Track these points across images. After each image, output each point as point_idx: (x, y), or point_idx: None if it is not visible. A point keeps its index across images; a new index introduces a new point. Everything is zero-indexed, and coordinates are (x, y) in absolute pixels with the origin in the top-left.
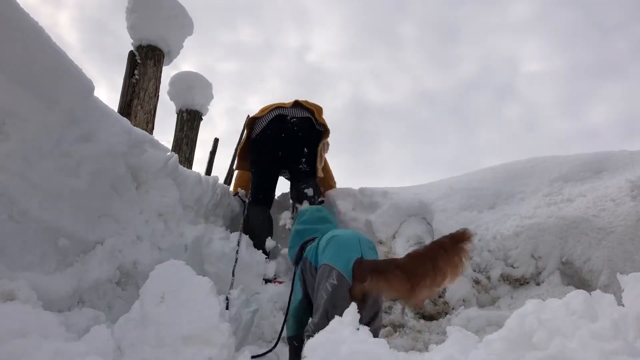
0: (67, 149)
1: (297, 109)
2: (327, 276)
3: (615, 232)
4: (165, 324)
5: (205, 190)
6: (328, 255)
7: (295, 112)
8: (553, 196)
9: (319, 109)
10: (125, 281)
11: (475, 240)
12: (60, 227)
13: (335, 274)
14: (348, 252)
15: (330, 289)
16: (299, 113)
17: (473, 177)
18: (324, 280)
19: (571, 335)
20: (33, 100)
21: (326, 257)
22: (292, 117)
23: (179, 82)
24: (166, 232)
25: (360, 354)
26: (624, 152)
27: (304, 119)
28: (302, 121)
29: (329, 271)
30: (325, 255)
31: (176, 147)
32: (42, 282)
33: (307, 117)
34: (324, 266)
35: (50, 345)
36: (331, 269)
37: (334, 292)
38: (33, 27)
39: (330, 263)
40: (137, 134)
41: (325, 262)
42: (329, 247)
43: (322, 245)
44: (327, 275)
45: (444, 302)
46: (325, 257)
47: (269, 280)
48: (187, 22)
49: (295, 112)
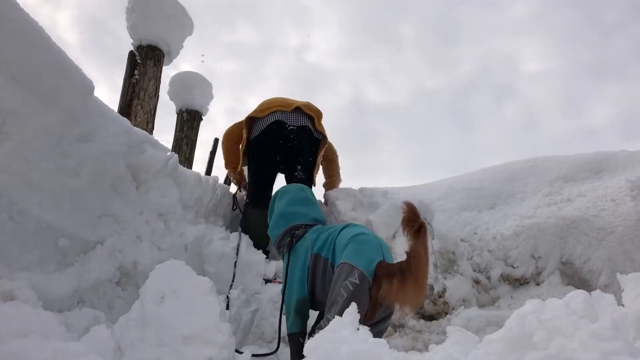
0: (67, 149)
1: (298, 114)
2: (347, 274)
3: (615, 232)
4: (165, 324)
5: (205, 190)
6: (349, 254)
7: (294, 119)
8: (553, 196)
9: (319, 115)
10: (125, 281)
11: (475, 240)
12: (60, 227)
13: (358, 273)
14: (370, 253)
15: (351, 287)
16: (298, 120)
17: (473, 177)
18: (342, 278)
19: (571, 335)
20: (33, 100)
21: (347, 256)
22: (291, 125)
23: (179, 82)
24: (166, 232)
25: (360, 354)
26: (624, 152)
27: (302, 128)
28: (300, 130)
29: (350, 270)
30: (345, 254)
31: (176, 147)
32: (42, 282)
33: (305, 126)
34: (344, 264)
35: (50, 345)
36: (353, 267)
37: (355, 290)
38: (33, 27)
39: (352, 262)
40: (137, 134)
41: (346, 261)
42: (351, 245)
43: (341, 243)
44: (348, 274)
45: (444, 302)
46: (345, 255)
47: (269, 280)
48: (187, 22)
49: (294, 118)
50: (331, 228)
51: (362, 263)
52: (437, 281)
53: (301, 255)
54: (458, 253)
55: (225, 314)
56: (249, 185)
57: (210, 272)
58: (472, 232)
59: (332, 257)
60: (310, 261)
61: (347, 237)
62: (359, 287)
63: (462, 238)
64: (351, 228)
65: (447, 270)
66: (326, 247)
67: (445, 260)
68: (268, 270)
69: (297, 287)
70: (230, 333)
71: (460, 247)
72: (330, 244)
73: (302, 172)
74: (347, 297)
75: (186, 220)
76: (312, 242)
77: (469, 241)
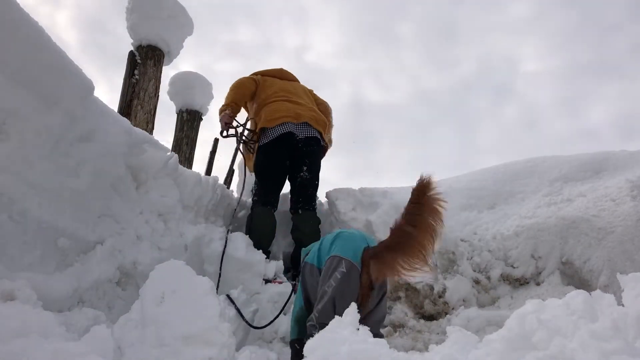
0: (67, 149)
1: (306, 126)
2: (335, 266)
3: (615, 232)
4: (165, 324)
5: (205, 190)
6: (335, 249)
7: (303, 131)
8: (553, 196)
9: (325, 127)
10: (125, 281)
11: (475, 240)
12: (60, 227)
13: (345, 263)
14: (356, 243)
15: (339, 276)
16: (307, 132)
17: (473, 177)
18: (331, 270)
19: (571, 335)
20: (33, 100)
21: (333, 251)
22: (299, 135)
23: (179, 82)
24: (166, 232)
25: (360, 353)
26: (624, 152)
27: (311, 138)
28: (309, 140)
29: (337, 261)
30: (332, 250)
31: (176, 147)
32: (42, 282)
33: (314, 137)
34: (331, 258)
35: (50, 345)
36: (340, 258)
37: (343, 279)
38: (33, 27)
39: (338, 254)
40: (137, 134)
41: (332, 254)
42: (336, 242)
43: (326, 245)
44: (336, 265)
45: (444, 302)
46: (332, 251)
47: (269, 280)
48: (187, 22)
49: (303, 130)
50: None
51: (349, 253)
52: (437, 281)
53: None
54: (458, 253)
55: (225, 314)
56: (257, 185)
57: (210, 272)
58: (472, 232)
59: (317, 261)
60: (302, 271)
61: (331, 238)
62: (346, 275)
63: (462, 238)
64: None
65: (447, 270)
66: (313, 254)
67: (445, 260)
68: (268, 270)
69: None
70: (230, 333)
71: (460, 247)
72: (316, 250)
73: (307, 172)
74: (335, 286)
75: (186, 220)
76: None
77: (469, 241)
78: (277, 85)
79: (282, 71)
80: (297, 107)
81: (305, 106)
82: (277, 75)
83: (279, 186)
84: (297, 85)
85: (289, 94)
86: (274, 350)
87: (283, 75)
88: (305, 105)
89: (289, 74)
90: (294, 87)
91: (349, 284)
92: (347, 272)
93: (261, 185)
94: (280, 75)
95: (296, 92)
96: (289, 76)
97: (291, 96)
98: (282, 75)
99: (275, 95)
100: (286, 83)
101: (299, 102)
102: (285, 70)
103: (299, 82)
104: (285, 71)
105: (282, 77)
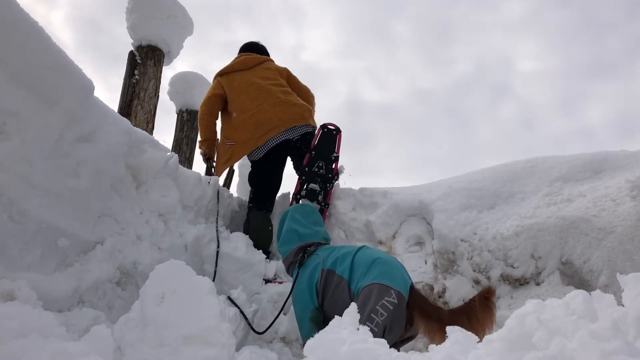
0: (67, 149)
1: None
2: (383, 294)
3: (615, 232)
4: (165, 324)
5: (205, 190)
6: (378, 275)
7: (295, 131)
8: (553, 196)
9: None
10: (125, 281)
11: (475, 240)
12: (60, 227)
13: (396, 294)
14: (400, 274)
15: (390, 307)
16: (299, 130)
17: (473, 177)
18: (376, 297)
19: (571, 335)
20: (33, 100)
21: (377, 278)
22: (294, 137)
23: (179, 82)
24: (166, 232)
25: (359, 353)
26: (624, 152)
27: (307, 134)
28: (305, 135)
29: (385, 290)
30: (371, 275)
31: (176, 147)
32: (42, 282)
33: (308, 132)
34: (375, 285)
35: (50, 345)
36: (388, 288)
37: (395, 309)
38: (33, 26)
39: (385, 283)
40: (137, 134)
41: (377, 282)
42: (376, 267)
43: (360, 264)
44: (384, 293)
45: (444, 302)
46: (372, 277)
47: (269, 280)
48: (187, 22)
49: (295, 131)
50: (344, 248)
51: (397, 284)
52: (437, 281)
53: (311, 270)
54: (458, 253)
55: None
56: (254, 191)
57: (210, 272)
58: (472, 232)
59: (348, 275)
60: (322, 276)
61: (369, 259)
62: (397, 306)
63: (462, 238)
64: (368, 250)
65: (447, 270)
66: (341, 265)
67: (445, 260)
68: (268, 270)
69: (309, 298)
70: (230, 333)
71: (460, 247)
72: (344, 261)
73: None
74: (387, 315)
75: (186, 220)
76: (324, 259)
77: (469, 241)
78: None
79: (246, 60)
80: (277, 110)
81: (284, 104)
82: (241, 68)
83: (275, 191)
84: (264, 73)
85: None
86: (274, 350)
87: (247, 64)
88: (283, 104)
89: (251, 60)
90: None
91: (399, 314)
92: (398, 303)
93: (257, 195)
94: (244, 66)
95: (266, 87)
96: (252, 62)
97: (264, 99)
98: (245, 64)
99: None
100: (252, 76)
101: (274, 101)
102: (247, 56)
103: (266, 61)
104: (248, 58)
105: (247, 67)
